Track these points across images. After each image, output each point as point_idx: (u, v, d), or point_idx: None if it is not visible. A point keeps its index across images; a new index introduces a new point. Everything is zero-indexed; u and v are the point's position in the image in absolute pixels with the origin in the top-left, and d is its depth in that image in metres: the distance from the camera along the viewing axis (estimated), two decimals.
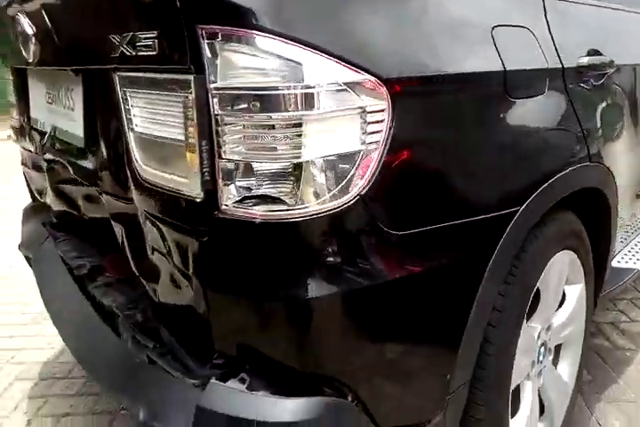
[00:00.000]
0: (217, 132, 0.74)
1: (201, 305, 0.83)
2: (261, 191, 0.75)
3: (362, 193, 0.76)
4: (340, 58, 0.73)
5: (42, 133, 1.28)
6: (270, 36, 0.69)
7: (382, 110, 0.76)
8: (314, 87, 0.71)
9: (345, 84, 0.73)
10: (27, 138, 1.41)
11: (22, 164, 1.65)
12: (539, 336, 1.22)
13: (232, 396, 0.79)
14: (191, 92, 0.72)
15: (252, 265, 0.77)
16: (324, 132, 0.73)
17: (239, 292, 0.78)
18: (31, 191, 1.69)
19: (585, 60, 1.17)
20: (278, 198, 0.75)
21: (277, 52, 0.70)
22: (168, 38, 0.73)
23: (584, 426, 1.53)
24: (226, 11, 0.70)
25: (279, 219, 0.74)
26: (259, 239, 0.76)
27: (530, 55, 1.03)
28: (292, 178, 0.74)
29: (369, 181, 0.77)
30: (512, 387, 1.10)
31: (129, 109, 0.85)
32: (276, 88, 0.70)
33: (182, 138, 0.76)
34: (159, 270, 0.92)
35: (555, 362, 1.36)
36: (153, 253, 0.92)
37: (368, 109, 0.75)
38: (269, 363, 0.81)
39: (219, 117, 0.73)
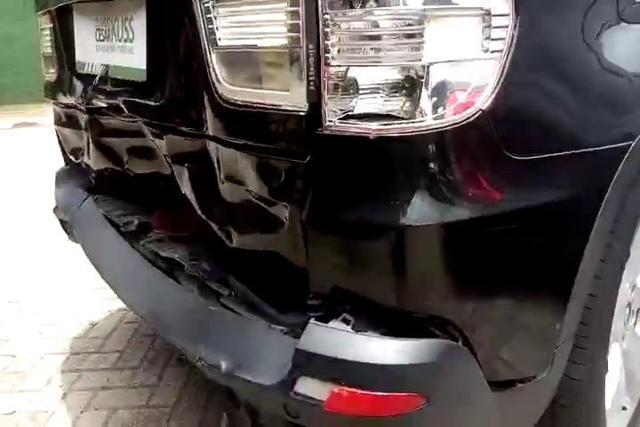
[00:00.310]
0: (325, 34, 0.65)
1: (295, 240, 0.74)
2: (373, 102, 0.66)
3: (483, 108, 0.67)
4: None
5: (89, 77, 1.18)
6: None
7: (506, 15, 0.68)
8: None
9: None
10: (67, 89, 1.32)
11: (56, 124, 1.56)
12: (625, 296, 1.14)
13: (337, 337, 0.70)
14: None
15: (359, 190, 0.68)
16: (446, 33, 0.64)
17: (343, 220, 0.70)
18: (65, 154, 1.60)
19: None
20: (390, 112, 0.66)
21: None
22: None
23: None
24: None
25: (395, 134, 0.65)
26: (368, 159, 0.67)
27: None
28: (409, 87, 0.65)
29: (491, 95, 0.68)
30: None
31: (211, 24, 0.76)
32: None
33: (284, 43, 0.67)
34: (238, 209, 0.83)
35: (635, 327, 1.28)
36: (231, 190, 0.84)
37: (492, 12, 0.67)
38: (373, 303, 0.72)
39: (328, 17, 0.64)
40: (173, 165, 0.98)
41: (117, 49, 1.04)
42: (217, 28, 0.75)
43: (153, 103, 0.95)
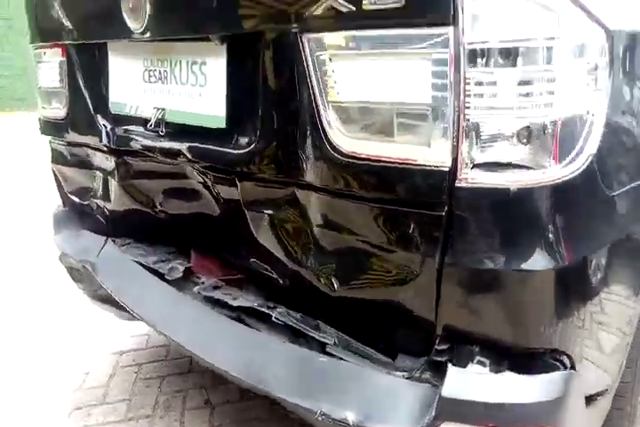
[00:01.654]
0: (465, 91, 0.68)
1: (423, 287, 0.76)
2: (507, 155, 0.70)
3: (593, 152, 0.74)
4: (586, 9, 0.70)
5: (129, 119, 1.13)
6: None
7: (606, 62, 0.75)
8: (570, 40, 0.68)
9: (589, 37, 0.71)
10: (86, 129, 1.24)
11: (56, 162, 1.46)
12: None
13: (479, 380, 0.72)
14: (447, 49, 0.66)
15: (495, 238, 0.71)
16: (571, 86, 0.70)
17: (479, 267, 0.72)
18: (64, 194, 1.49)
19: None
20: (521, 162, 0.70)
21: (542, 2, 0.66)
22: None
23: None
24: None
25: (528, 184, 0.70)
26: (507, 208, 0.71)
27: None
28: (540, 138, 0.70)
29: (599, 140, 0.74)
30: None
31: (326, 76, 0.76)
32: (535, 40, 0.66)
33: (425, 101, 0.69)
34: (341, 258, 0.84)
35: None
36: (334, 239, 0.84)
37: (599, 63, 0.73)
38: (501, 343, 0.75)
39: (470, 75, 0.67)
40: (248, 212, 0.96)
41: (179, 93, 1.00)
42: (335, 82, 0.76)
43: (232, 151, 0.92)
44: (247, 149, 0.91)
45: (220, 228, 1.13)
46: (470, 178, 0.70)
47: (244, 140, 0.92)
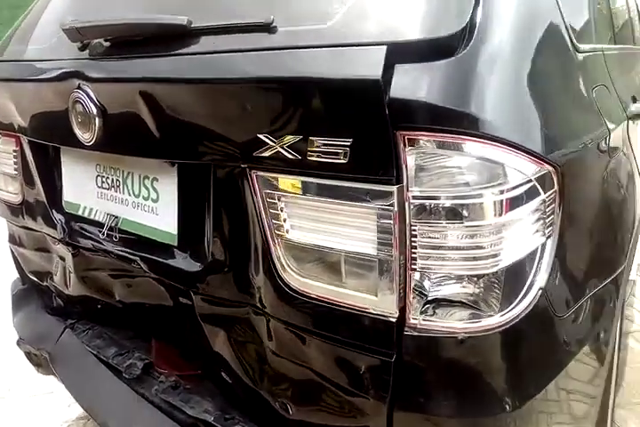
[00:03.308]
0: (412, 243, 0.68)
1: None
2: (455, 304, 0.70)
3: (542, 286, 0.74)
4: (531, 153, 0.69)
5: (82, 220, 1.11)
6: (481, 140, 0.65)
7: (554, 199, 0.75)
8: (517, 189, 0.68)
9: (535, 179, 0.70)
10: (41, 218, 1.21)
11: (13, 243, 1.42)
12: None
13: None
14: (392, 204, 0.66)
15: (442, 384, 0.72)
16: (520, 232, 0.71)
17: (428, 413, 0.72)
18: (23, 273, 1.45)
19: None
20: (469, 310, 0.71)
21: (485, 155, 0.66)
22: (364, 145, 0.66)
23: None
24: (437, 115, 0.65)
25: (477, 331, 0.70)
26: (454, 355, 0.70)
27: None
28: (488, 287, 0.70)
29: (548, 273, 0.75)
30: None
31: (276, 214, 0.76)
32: (480, 195, 0.66)
33: (373, 253, 0.69)
34: (302, 387, 0.83)
35: None
36: (289, 367, 0.83)
37: (547, 201, 0.74)
38: None
39: (416, 228, 0.68)
40: (204, 324, 0.95)
41: (133, 204, 0.99)
42: (284, 220, 0.76)
43: (183, 268, 0.91)
44: (198, 269, 0.90)
45: (180, 321, 1.12)
46: (419, 326, 0.70)
47: (195, 260, 0.91)
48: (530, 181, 0.70)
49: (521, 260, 0.71)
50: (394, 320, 0.70)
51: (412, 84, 0.66)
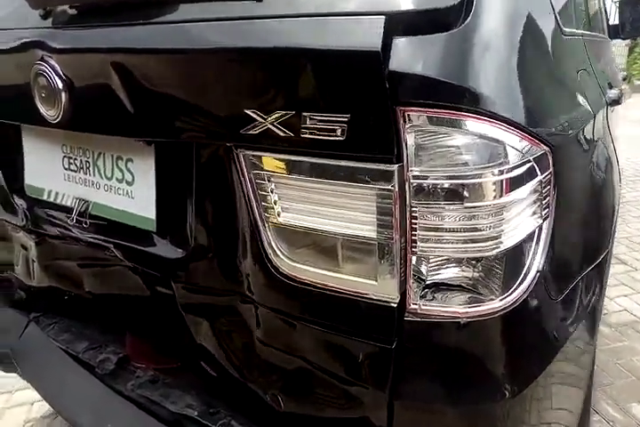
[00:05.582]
0: (411, 226, 0.65)
1: (372, 415, 0.72)
2: (456, 288, 0.68)
3: (539, 269, 0.72)
4: (530, 133, 0.67)
5: (46, 204, 1.03)
6: (482, 117, 0.62)
7: (549, 181, 0.73)
8: (516, 169, 0.65)
9: (533, 160, 0.68)
10: (4, 206, 1.11)
11: None
12: None
13: None
14: (392, 184, 0.63)
15: (444, 371, 0.69)
16: (519, 214, 0.68)
17: (429, 402, 0.70)
18: None
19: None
20: (470, 294, 0.68)
21: (486, 134, 0.63)
22: (363, 121, 0.62)
23: None
24: (437, 90, 0.61)
25: (478, 316, 0.68)
26: (455, 341, 0.68)
27: None
28: (488, 270, 0.68)
29: (544, 256, 0.73)
30: None
31: (265, 196, 0.71)
32: (480, 175, 0.63)
33: (372, 235, 0.65)
34: (285, 374, 0.79)
35: None
36: (278, 356, 0.79)
37: (543, 182, 0.72)
38: None
39: (416, 210, 0.64)
40: (185, 315, 0.89)
41: (105, 187, 0.91)
42: (275, 202, 0.71)
43: (163, 255, 0.85)
44: (180, 256, 0.84)
45: (157, 312, 1.06)
46: (419, 311, 0.67)
47: (176, 247, 0.85)
48: (529, 161, 0.67)
49: (520, 242, 0.69)
50: (394, 306, 0.66)
51: (412, 57, 0.62)
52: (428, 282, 0.68)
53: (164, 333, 1.07)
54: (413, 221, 0.65)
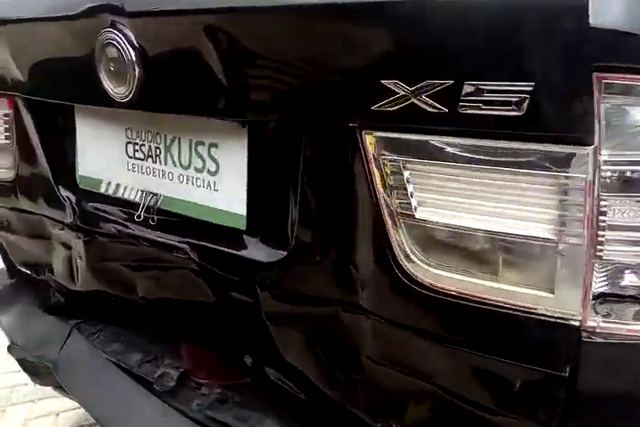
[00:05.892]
0: (599, 224, 0.52)
1: None
2: (630, 298, 0.55)
3: None
4: None
5: (103, 197, 0.90)
6: None
7: None
8: None
9: None
10: (39, 197, 0.99)
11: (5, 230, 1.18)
12: None
13: None
14: (584, 171, 0.50)
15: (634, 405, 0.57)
16: None
17: None
18: (12, 265, 1.22)
19: None
20: None
21: None
22: (550, 92, 0.49)
23: None
24: None
25: None
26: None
27: None
28: None
29: None
30: None
31: (400, 187, 0.58)
32: None
33: (551, 236, 0.52)
34: (413, 405, 0.66)
35: None
36: (404, 381, 0.66)
37: None
38: None
39: (606, 204, 0.51)
40: (271, 326, 0.77)
41: (179, 178, 0.78)
42: (411, 194, 0.58)
43: (254, 258, 0.72)
44: (276, 259, 0.71)
45: (225, 321, 0.93)
46: (598, 330, 0.54)
47: (271, 248, 0.72)
48: None
49: None
50: (576, 324, 0.54)
51: (619, 10, 0.49)
52: (619, 297, 0.55)
53: (232, 344, 0.95)
54: (601, 217, 0.52)
